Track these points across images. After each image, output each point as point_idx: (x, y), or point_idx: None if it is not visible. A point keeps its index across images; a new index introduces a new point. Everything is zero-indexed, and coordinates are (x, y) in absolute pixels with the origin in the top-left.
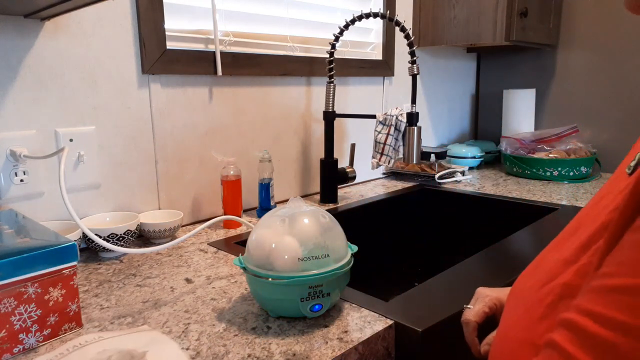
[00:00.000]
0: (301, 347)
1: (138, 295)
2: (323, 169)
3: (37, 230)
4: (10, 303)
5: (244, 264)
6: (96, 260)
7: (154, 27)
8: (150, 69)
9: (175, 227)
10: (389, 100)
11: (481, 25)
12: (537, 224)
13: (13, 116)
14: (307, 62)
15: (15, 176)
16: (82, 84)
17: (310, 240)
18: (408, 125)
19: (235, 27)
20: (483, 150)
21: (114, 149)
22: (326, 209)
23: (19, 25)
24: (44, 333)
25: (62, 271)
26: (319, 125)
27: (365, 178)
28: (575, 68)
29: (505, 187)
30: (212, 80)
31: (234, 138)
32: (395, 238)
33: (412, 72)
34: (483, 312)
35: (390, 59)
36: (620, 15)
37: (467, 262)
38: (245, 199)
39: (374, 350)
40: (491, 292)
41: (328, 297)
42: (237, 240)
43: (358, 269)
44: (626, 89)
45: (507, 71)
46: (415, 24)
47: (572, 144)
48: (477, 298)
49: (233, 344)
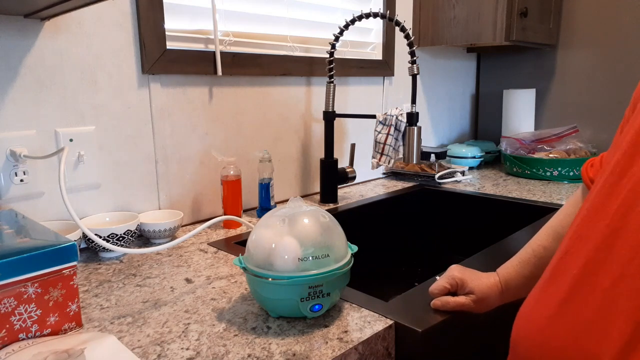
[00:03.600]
0: (301, 347)
1: (138, 295)
2: (323, 169)
3: (37, 230)
4: (10, 303)
5: (244, 264)
6: (96, 260)
7: (154, 27)
8: (150, 69)
9: (175, 227)
10: (389, 100)
11: (481, 25)
12: (537, 224)
13: (13, 116)
14: (307, 62)
15: (15, 176)
16: (82, 84)
17: (310, 240)
18: (408, 125)
19: (235, 27)
20: (483, 150)
21: (114, 149)
22: (326, 209)
23: (19, 25)
24: (44, 333)
25: (62, 271)
26: (319, 125)
27: (365, 178)
28: (575, 68)
29: (505, 187)
30: (212, 80)
31: (234, 138)
32: (395, 238)
33: (412, 72)
34: (444, 287)
35: (390, 59)
36: (620, 16)
37: (467, 262)
38: (245, 199)
39: (374, 350)
40: (458, 273)
41: (328, 297)
42: (237, 240)
43: (358, 269)
44: (626, 88)
45: (507, 71)
46: (415, 24)
47: (572, 144)
48: (446, 274)
49: (233, 344)
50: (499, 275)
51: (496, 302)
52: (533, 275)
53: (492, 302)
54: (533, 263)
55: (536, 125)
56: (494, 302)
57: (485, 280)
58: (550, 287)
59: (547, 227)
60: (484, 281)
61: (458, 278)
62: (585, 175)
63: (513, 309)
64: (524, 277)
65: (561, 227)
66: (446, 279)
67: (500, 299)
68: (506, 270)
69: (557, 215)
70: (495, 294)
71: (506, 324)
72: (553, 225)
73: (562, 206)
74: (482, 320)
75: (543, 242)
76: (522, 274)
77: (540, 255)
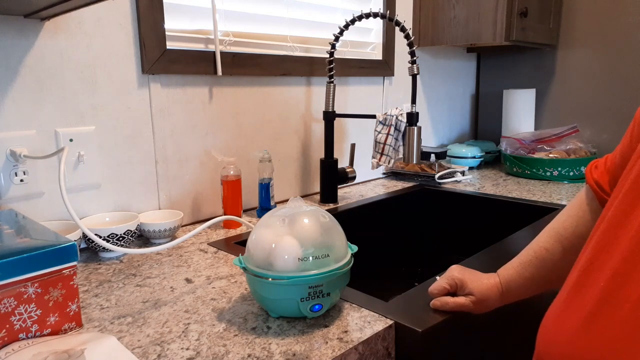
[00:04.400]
0: (301, 347)
1: (138, 295)
2: (323, 169)
3: (37, 230)
4: (10, 303)
5: (244, 264)
6: (96, 260)
7: (154, 27)
8: (150, 69)
9: (175, 227)
10: (389, 100)
11: (481, 25)
12: (537, 224)
13: (13, 116)
14: (307, 62)
15: (15, 176)
16: (82, 84)
17: (310, 240)
18: (408, 125)
19: (235, 27)
20: (483, 150)
21: (114, 149)
22: (326, 209)
23: (19, 25)
24: (44, 333)
25: (62, 271)
26: (319, 125)
27: (365, 178)
28: (575, 68)
29: (505, 187)
30: (212, 80)
31: (234, 138)
32: (395, 238)
33: (412, 72)
34: (443, 287)
35: (390, 59)
36: (620, 16)
37: (467, 262)
38: (245, 199)
39: (374, 350)
40: (458, 274)
41: (328, 297)
42: (237, 240)
43: (358, 269)
44: (626, 88)
45: (507, 71)
46: (415, 24)
47: (572, 144)
48: (446, 274)
49: (233, 344)
50: (500, 277)
51: (496, 303)
52: (534, 277)
53: (491, 303)
54: (535, 265)
55: (536, 125)
56: (493, 304)
57: (486, 281)
58: (575, 299)
59: (549, 229)
60: (484, 282)
61: (458, 279)
62: (590, 177)
63: (513, 309)
64: (525, 279)
65: (563, 229)
66: (446, 279)
67: (500, 300)
68: (507, 271)
69: (559, 217)
70: (495, 295)
71: (506, 324)
72: (555, 228)
73: (564, 208)
74: (482, 320)
75: (545, 244)
76: (523, 275)
77: (542, 258)
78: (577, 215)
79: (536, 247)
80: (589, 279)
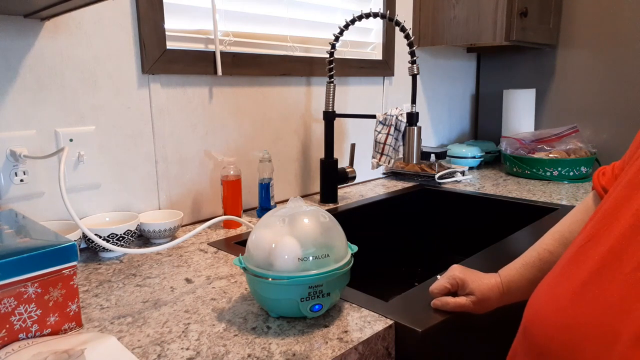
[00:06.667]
0: (301, 347)
1: (138, 295)
2: (323, 169)
3: (37, 230)
4: (10, 303)
5: (244, 264)
6: (96, 260)
7: (154, 27)
8: (150, 69)
9: (175, 227)
10: (389, 100)
11: (481, 25)
12: (537, 224)
13: (13, 116)
14: (307, 62)
15: (15, 176)
16: (82, 84)
17: (310, 240)
18: (408, 125)
19: (235, 27)
20: (483, 150)
21: (114, 149)
22: (326, 209)
23: (19, 25)
24: (44, 333)
25: (62, 271)
26: (319, 125)
27: (365, 178)
28: (575, 68)
29: (505, 187)
30: (212, 80)
31: (234, 138)
32: (395, 238)
33: (412, 72)
34: (444, 287)
35: (390, 59)
36: (620, 16)
37: (467, 262)
38: (245, 199)
39: (374, 350)
40: (459, 273)
41: (328, 297)
42: (237, 240)
43: (358, 269)
44: (626, 88)
45: (507, 71)
46: (415, 24)
47: (572, 144)
48: (447, 273)
49: (233, 344)
50: (501, 277)
51: (496, 303)
52: (536, 278)
53: (492, 303)
54: (537, 267)
55: (536, 125)
56: (494, 304)
57: (487, 281)
58: (571, 270)
59: (554, 232)
60: (484, 282)
61: (459, 278)
62: (597, 183)
63: (513, 309)
64: (527, 280)
65: (569, 232)
66: (447, 278)
67: (501, 300)
68: (509, 272)
69: (565, 221)
70: (496, 296)
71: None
72: (560, 231)
73: (570, 212)
74: (482, 320)
75: (549, 246)
76: (525, 276)
77: (546, 260)
78: (582, 220)
79: (539, 249)
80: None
